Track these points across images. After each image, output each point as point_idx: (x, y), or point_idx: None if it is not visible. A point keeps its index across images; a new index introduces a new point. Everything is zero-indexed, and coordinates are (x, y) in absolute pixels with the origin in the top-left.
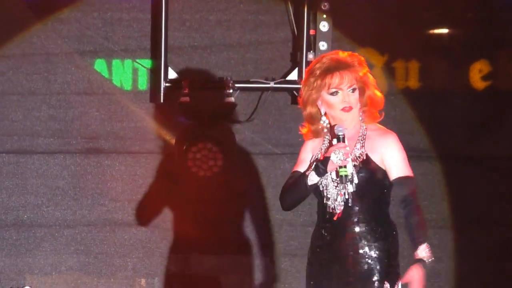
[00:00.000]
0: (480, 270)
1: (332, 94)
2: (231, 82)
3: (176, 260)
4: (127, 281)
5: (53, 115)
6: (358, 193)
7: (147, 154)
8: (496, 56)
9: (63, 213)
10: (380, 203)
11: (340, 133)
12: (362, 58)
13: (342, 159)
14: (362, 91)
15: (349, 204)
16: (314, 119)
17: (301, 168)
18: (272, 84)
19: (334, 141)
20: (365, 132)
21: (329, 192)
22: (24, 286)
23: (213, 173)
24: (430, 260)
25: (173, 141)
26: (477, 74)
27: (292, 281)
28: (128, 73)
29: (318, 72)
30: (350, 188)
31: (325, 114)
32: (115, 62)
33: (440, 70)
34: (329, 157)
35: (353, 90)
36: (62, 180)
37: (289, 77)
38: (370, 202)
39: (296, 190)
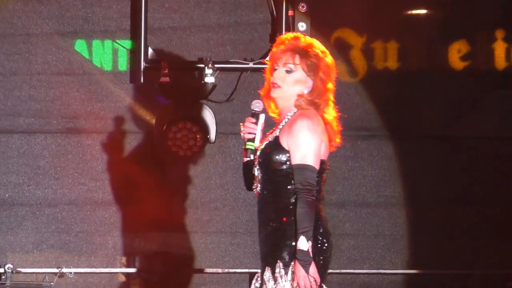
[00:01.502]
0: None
1: (274, 69)
2: (211, 62)
3: (157, 238)
4: (108, 259)
5: (33, 95)
6: (264, 176)
7: (127, 134)
8: (475, 36)
9: (44, 192)
10: (284, 186)
11: (255, 109)
12: (322, 49)
13: (248, 133)
14: (312, 78)
15: (258, 183)
16: (268, 96)
17: None
18: (251, 65)
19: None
20: (290, 117)
21: (254, 170)
22: (6, 264)
23: (193, 153)
24: (306, 249)
25: (153, 121)
26: (456, 54)
27: None
28: (108, 54)
29: (274, 49)
30: (255, 171)
31: None
32: (95, 43)
33: (419, 50)
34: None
35: (288, 71)
36: (43, 160)
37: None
38: (275, 184)
39: (242, 168)
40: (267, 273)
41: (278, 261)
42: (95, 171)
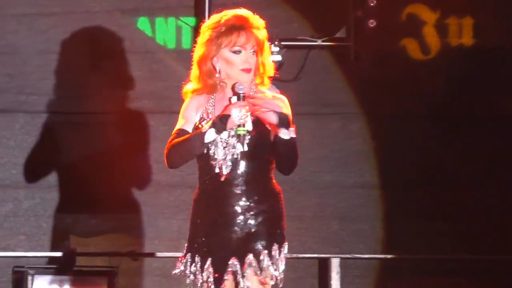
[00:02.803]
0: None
1: (235, 52)
2: (277, 40)
3: None
4: (172, 243)
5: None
6: (247, 154)
7: None
8: None
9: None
10: (267, 164)
11: (241, 91)
12: (263, 22)
13: (243, 117)
14: (257, 55)
15: (238, 165)
16: (211, 74)
17: (186, 126)
18: (319, 42)
19: (234, 98)
20: (256, 94)
21: (218, 152)
22: (70, 247)
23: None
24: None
25: None
26: None
27: (342, 244)
28: (171, 32)
29: (223, 28)
30: (240, 148)
31: (219, 71)
32: (158, 20)
33: (495, 26)
34: (229, 114)
35: (254, 52)
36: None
37: (337, 35)
38: (258, 163)
39: (188, 148)
40: (265, 258)
41: (274, 243)
42: (158, 152)
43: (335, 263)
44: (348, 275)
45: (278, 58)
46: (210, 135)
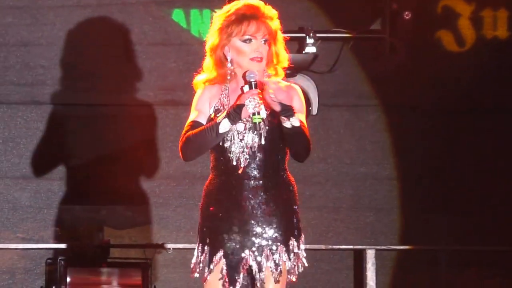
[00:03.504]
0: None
1: (245, 41)
2: (312, 32)
3: None
4: None
5: (129, 66)
6: (264, 146)
7: None
8: None
9: (142, 166)
10: (282, 156)
11: (252, 80)
12: (276, 12)
13: (257, 106)
14: (270, 45)
15: (255, 157)
16: (222, 64)
17: (200, 118)
18: (354, 34)
19: (246, 87)
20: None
21: (234, 144)
22: (103, 238)
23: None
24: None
25: None
26: None
27: (379, 236)
28: (206, 23)
29: (234, 17)
30: (257, 140)
31: (231, 61)
32: (193, 12)
33: None
34: (243, 104)
35: (265, 41)
36: (140, 132)
37: (372, 27)
38: (274, 154)
39: (203, 139)
40: (283, 255)
41: (291, 236)
42: None
43: (370, 254)
44: (383, 266)
45: (313, 50)
46: (224, 125)
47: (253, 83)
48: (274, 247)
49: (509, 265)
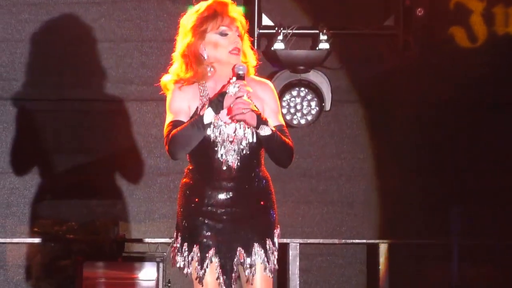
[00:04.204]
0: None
1: (221, 34)
2: (326, 28)
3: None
4: None
5: (145, 62)
6: (251, 146)
7: None
8: None
9: (156, 160)
10: (257, 153)
11: (240, 72)
12: (241, 9)
13: (237, 90)
14: (242, 41)
15: (244, 156)
16: (200, 61)
17: (180, 117)
18: (368, 31)
19: (234, 79)
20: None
21: (226, 147)
22: (119, 233)
23: (308, 121)
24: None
25: None
26: None
27: (392, 230)
28: None
29: (206, 13)
30: (250, 138)
31: (208, 58)
32: None
33: None
34: (225, 92)
35: (240, 36)
36: (155, 128)
37: (385, 23)
38: (257, 151)
39: (189, 134)
40: (260, 251)
41: (267, 238)
42: None
43: (383, 248)
44: (396, 260)
45: (326, 46)
46: (208, 114)
47: (241, 74)
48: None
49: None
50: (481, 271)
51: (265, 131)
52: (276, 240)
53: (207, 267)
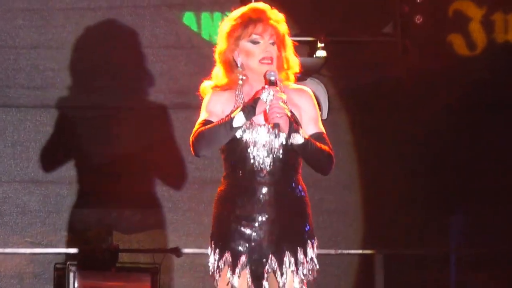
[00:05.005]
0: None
1: (253, 42)
2: (323, 35)
3: None
4: None
5: (140, 69)
6: (284, 151)
7: None
8: None
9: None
10: (294, 162)
11: (272, 77)
12: (283, 16)
13: (272, 97)
14: (279, 49)
15: (278, 159)
16: (232, 69)
17: (212, 118)
18: (366, 38)
19: (266, 86)
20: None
21: (258, 149)
22: (112, 243)
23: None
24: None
25: None
26: None
27: (388, 240)
28: (217, 27)
29: (239, 20)
30: (283, 141)
31: (242, 65)
32: (204, 15)
33: None
34: (259, 97)
35: (273, 43)
36: (149, 135)
37: (383, 31)
38: (286, 162)
39: (216, 133)
40: (291, 260)
41: (299, 247)
42: None
43: (379, 258)
44: (392, 270)
45: (323, 54)
46: (239, 119)
47: (273, 80)
48: (291, 251)
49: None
50: (479, 280)
51: (296, 139)
52: (309, 251)
53: (239, 274)
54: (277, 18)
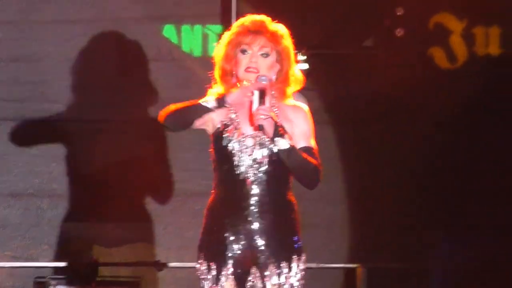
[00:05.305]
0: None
1: (242, 51)
2: (304, 48)
3: None
4: None
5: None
6: (273, 163)
7: None
8: None
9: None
10: (284, 176)
11: (263, 82)
12: (286, 32)
13: (258, 100)
14: (282, 65)
15: (265, 171)
16: (227, 76)
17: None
18: (347, 51)
19: (256, 92)
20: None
21: (242, 159)
22: (92, 257)
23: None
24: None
25: None
26: None
27: (372, 254)
28: (197, 39)
29: (236, 30)
30: (264, 152)
31: (235, 75)
32: (184, 28)
33: None
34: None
35: (265, 55)
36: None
37: (364, 44)
38: (280, 171)
39: (187, 108)
40: (273, 274)
41: (283, 262)
42: (185, 161)
43: (362, 272)
44: (375, 284)
45: (305, 66)
46: (209, 101)
47: (262, 86)
48: (278, 264)
49: None
50: None
51: (280, 144)
52: (294, 265)
53: (224, 285)
54: (276, 31)
